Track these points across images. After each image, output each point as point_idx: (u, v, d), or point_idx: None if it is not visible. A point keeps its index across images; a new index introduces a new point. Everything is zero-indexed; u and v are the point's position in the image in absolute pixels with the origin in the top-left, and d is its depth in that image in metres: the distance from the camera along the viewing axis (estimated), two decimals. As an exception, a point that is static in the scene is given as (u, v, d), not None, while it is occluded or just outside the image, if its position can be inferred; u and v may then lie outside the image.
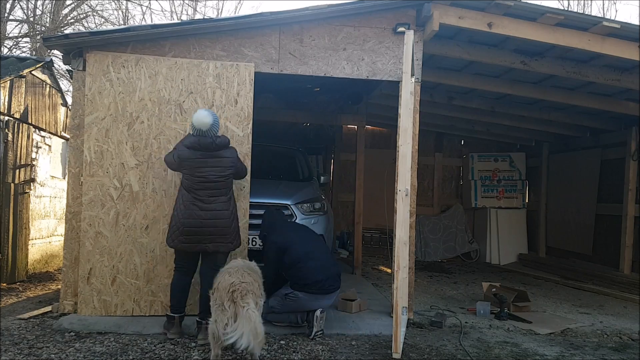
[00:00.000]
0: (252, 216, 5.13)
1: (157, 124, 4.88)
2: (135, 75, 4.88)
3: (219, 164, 4.33)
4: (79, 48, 4.88)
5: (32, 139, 7.07)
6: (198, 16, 17.02)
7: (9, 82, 6.46)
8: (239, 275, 3.70)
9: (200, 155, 4.29)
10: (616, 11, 33.74)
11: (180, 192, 4.36)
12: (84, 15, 14.99)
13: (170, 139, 4.87)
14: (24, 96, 6.87)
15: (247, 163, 5.01)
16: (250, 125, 5.03)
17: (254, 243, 5.46)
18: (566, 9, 14.81)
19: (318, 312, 4.46)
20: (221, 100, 4.98)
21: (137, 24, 14.84)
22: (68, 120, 8.10)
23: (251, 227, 5.16)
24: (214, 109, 4.94)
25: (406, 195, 4.41)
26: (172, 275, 4.48)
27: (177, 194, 4.45)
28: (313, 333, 4.43)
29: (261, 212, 5.52)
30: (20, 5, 13.87)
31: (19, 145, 6.69)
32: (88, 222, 4.78)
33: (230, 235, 4.35)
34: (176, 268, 4.44)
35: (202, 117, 4.32)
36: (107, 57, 4.85)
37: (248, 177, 5.02)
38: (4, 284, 6.27)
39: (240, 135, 5.00)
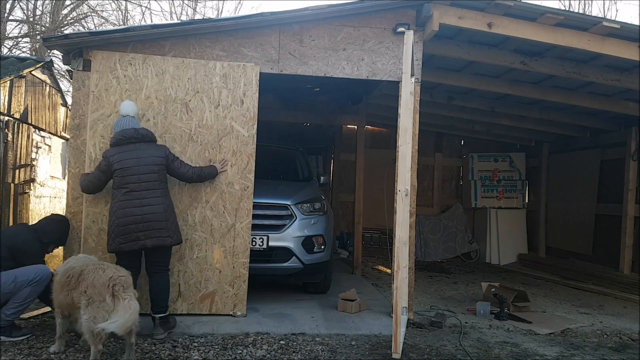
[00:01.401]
0: (252, 216, 5.12)
1: (163, 122, 4.87)
2: (142, 73, 4.89)
3: (150, 160, 4.35)
4: (79, 48, 4.88)
5: (32, 139, 7.07)
6: (197, 16, 17.02)
7: (9, 82, 6.46)
8: (113, 269, 3.72)
9: (127, 149, 4.33)
10: (617, 11, 33.76)
11: (113, 192, 4.36)
12: (84, 15, 15.00)
13: (175, 138, 4.87)
14: (23, 96, 6.87)
15: (252, 163, 5.02)
16: (256, 126, 5.04)
17: (253, 243, 5.46)
18: (567, 9, 14.82)
19: None
20: (227, 100, 4.99)
21: (136, 24, 14.83)
22: (68, 120, 8.10)
23: (251, 227, 5.15)
24: (220, 109, 4.95)
25: (406, 195, 4.41)
26: None
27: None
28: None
29: (261, 212, 5.53)
30: (20, 5, 13.89)
31: (19, 145, 6.69)
32: (91, 219, 4.78)
33: (167, 229, 4.31)
34: None
35: (128, 104, 4.53)
36: (115, 54, 4.86)
37: (252, 176, 5.03)
38: (4, 284, 6.25)
39: (245, 135, 5.01)
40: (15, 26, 15.49)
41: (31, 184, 7.00)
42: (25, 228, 4.46)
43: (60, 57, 5.19)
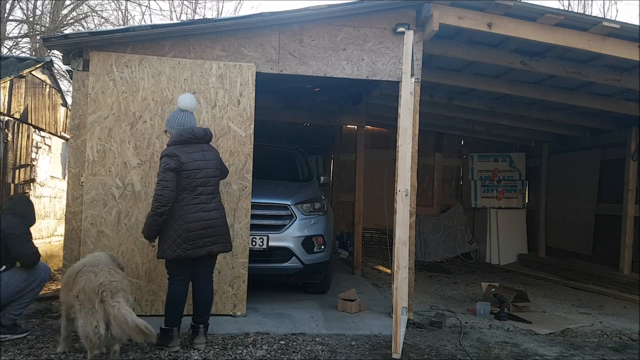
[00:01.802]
0: (252, 216, 5.12)
1: (160, 124, 4.87)
2: (139, 74, 4.89)
3: (213, 158, 4.20)
4: (79, 48, 4.88)
5: (32, 139, 7.07)
6: (197, 17, 17.01)
7: (8, 82, 6.45)
8: (106, 274, 3.59)
9: (194, 149, 4.09)
10: (617, 11, 33.79)
11: (178, 195, 4.00)
12: (84, 15, 14.98)
13: None
14: (23, 96, 6.87)
15: (249, 163, 5.02)
16: (253, 126, 5.04)
17: (253, 243, 5.46)
18: (567, 9, 14.82)
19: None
20: (224, 101, 4.99)
21: (136, 24, 14.83)
22: (68, 120, 8.10)
23: (251, 227, 5.16)
24: (216, 109, 4.95)
25: (406, 195, 4.41)
26: (168, 288, 4.16)
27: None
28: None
29: (261, 212, 5.53)
30: (20, 5, 13.87)
31: (19, 145, 6.69)
32: (90, 221, 4.78)
33: (227, 234, 4.23)
34: (175, 280, 4.12)
35: (189, 98, 4.22)
36: (111, 56, 4.86)
37: (249, 177, 5.03)
38: (4, 284, 6.26)
39: (242, 135, 5.01)
40: (15, 26, 15.48)
41: (31, 184, 6.99)
42: (7, 215, 4.28)
43: (60, 57, 5.19)
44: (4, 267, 4.12)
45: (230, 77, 5.01)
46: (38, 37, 13.44)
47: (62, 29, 13.69)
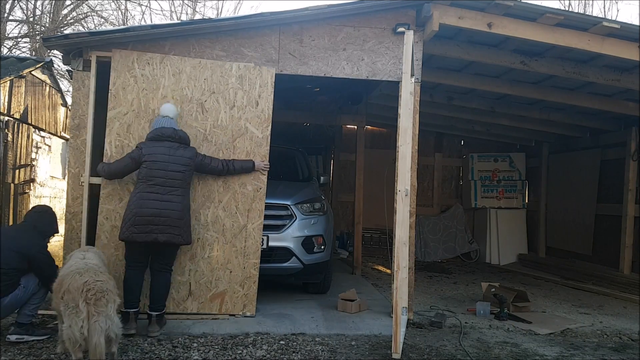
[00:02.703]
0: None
1: (179, 122, 4.86)
2: (160, 72, 4.91)
3: (179, 160, 4.46)
4: (79, 48, 4.88)
5: (32, 139, 7.07)
6: (197, 16, 17.02)
7: (8, 82, 6.46)
8: (92, 273, 3.51)
9: (162, 145, 4.43)
10: (617, 11, 33.79)
11: (137, 183, 4.45)
12: (84, 15, 15.00)
13: (190, 137, 4.85)
14: (23, 96, 6.87)
15: (266, 164, 5.03)
16: (270, 128, 5.05)
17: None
18: (567, 9, 14.83)
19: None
20: (242, 102, 5.00)
21: (136, 24, 14.84)
22: (68, 120, 8.10)
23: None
24: (235, 110, 4.98)
25: (406, 195, 4.41)
26: (124, 273, 4.51)
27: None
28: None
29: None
30: (20, 5, 13.88)
31: (19, 145, 6.69)
32: (105, 216, 4.79)
33: (180, 227, 4.38)
34: (129, 265, 4.49)
35: (169, 106, 4.68)
36: (132, 53, 4.89)
37: (264, 177, 5.03)
38: (4, 284, 6.25)
39: (259, 137, 5.03)
40: (15, 26, 15.51)
41: (31, 184, 7.00)
42: (28, 230, 4.32)
43: (60, 57, 5.19)
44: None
45: (249, 78, 5.02)
46: (38, 37, 13.44)
47: (62, 29, 13.70)
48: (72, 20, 14.62)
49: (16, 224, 4.64)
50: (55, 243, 7.87)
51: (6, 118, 6.39)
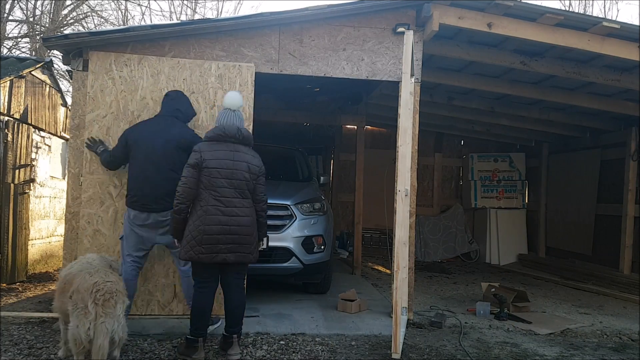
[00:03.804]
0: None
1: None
2: (138, 74, 4.89)
3: (245, 161, 3.92)
4: (79, 48, 4.88)
5: (32, 139, 7.06)
6: (197, 17, 17.01)
7: (8, 82, 6.45)
8: (102, 274, 3.43)
9: (225, 148, 3.89)
10: (618, 11, 33.82)
11: (200, 194, 3.83)
12: (84, 15, 14.98)
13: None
14: (23, 96, 6.86)
15: None
16: (251, 126, 5.03)
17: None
18: (567, 9, 14.83)
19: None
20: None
21: (136, 24, 14.83)
22: (68, 120, 8.10)
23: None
24: (215, 110, 4.94)
25: (406, 195, 4.41)
26: (193, 296, 3.99)
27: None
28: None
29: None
30: (19, 5, 13.86)
31: (19, 145, 6.69)
32: (86, 220, 4.78)
33: (251, 244, 3.93)
34: (197, 286, 3.94)
35: (233, 95, 4.10)
36: (110, 55, 4.86)
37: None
38: (4, 284, 6.27)
39: None
40: (15, 26, 15.51)
41: (31, 184, 6.99)
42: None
43: (60, 57, 5.19)
44: None
45: (229, 77, 5.00)
46: (38, 37, 13.44)
47: (62, 29, 13.69)
48: (72, 20, 14.61)
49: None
50: (55, 243, 7.87)
51: (6, 118, 6.39)
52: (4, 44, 12.97)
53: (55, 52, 8.24)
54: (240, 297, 4.00)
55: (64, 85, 12.17)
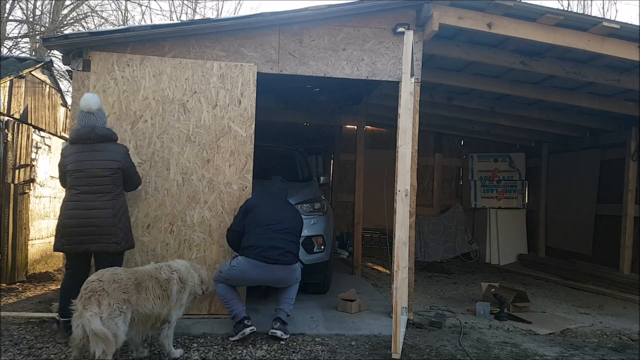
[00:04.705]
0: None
1: (161, 123, 4.88)
2: (140, 74, 4.89)
3: (102, 158, 4.14)
4: (79, 48, 4.88)
5: (32, 139, 7.06)
6: (197, 17, 17.01)
7: (8, 82, 6.45)
8: (100, 273, 3.53)
9: (81, 149, 4.16)
10: (616, 11, 33.72)
11: (66, 191, 4.23)
12: (84, 15, 14.98)
13: (173, 138, 4.88)
14: (23, 96, 6.86)
15: (250, 163, 5.02)
16: (253, 126, 5.04)
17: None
18: (566, 9, 14.83)
19: (247, 330, 4.33)
20: (225, 100, 4.99)
21: (136, 24, 14.84)
22: (68, 120, 8.10)
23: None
24: (217, 109, 4.95)
25: (406, 195, 4.41)
26: (64, 277, 4.31)
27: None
28: (233, 338, 4.35)
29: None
30: (19, 5, 13.86)
31: (19, 145, 6.69)
32: None
33: (115, 235, 4.12)
34: (65, 272, 4.29)
35: (88, 97, 4.23)
36: (112, 55, 4.87)
37: (250, 177, 5.02)
38: (4, 284, 6.26)
39: (243, 135, 5.01)
40: (15, 26, 15.50)
41: (31, 184, 6.99)
42: None
43: (60, 57, 5.19)
44: None
45: (231, 77, 5.01)
46: (38, 37, 13.43)
47: (62, 29, 13.69)
48: (72, 20, 14.61)
49: None
50: (55, 243, 7.86)
51: (6, 118, 6.39)
52: (4, 44, 12.97)
53: (55, 52, 8.24)
54: None
55: (64, 85, 12.19)
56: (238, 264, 4.45)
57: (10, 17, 13.70)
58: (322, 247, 5.88)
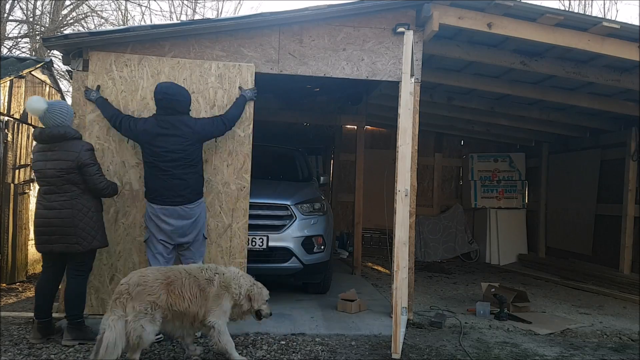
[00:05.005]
0: (251, 216, 5.12)
1: None
2: (138, 74, 4.89)
3: (56, 158, 4.05)
4: (79, 48, 4.88)
5: (32, 139, 7.07)
6: (197, 17, 17.01)
7: (8, 82, 6.46)
8: (130, 277, 3.56)
9: (40, 149, 4.15)
10: (617, 11, 33.80)
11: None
12: (84, 15, 14.97)
13: None
14: (23, 96, 6.87)
15: (248, 163, 5.01)
16: (251, 126, 5.04)
17: (253, 243, 5.46)
18: (567, 9, 14.83)
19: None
20: (223, 101, 4.99)
21: (136, 24, 14.83)
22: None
23: (251, 227, 5.16)
24: (215, 109, 4.94)
25: (406, 195, 4.41)
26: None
27: None
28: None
29: (261, 212, 5.53)
30: (20, 5, 13.86)
31: (19, 145, 6.69)
32: None
33: (76, 235, 4.02)
34: (42, 270, 4.32)
35: (33, 101, 4.13)
36: (110, 55, 4.87)
37: (248, 177, 5.01)
38: (4, 284, 6.27)
39: (241, 135, 5.01)
40: (15, 26, 15.50)
41: (31, 184, 6.99)
42: None
43: (60, 57, 5.20)
44: None
45: (229, 77, 5.01)
46: (38, 37, 13.43)
47: (62, 29, 13.69)
48: (72, 20, 14.61)
49: None
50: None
51: (6, 118, 6.39)
52: (4, 44, 12.97)
53: (55, 52, 8.24)
54: (72, 285, 4.16)
55: (64, 85, 12.18)
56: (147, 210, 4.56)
57: (10, 17, 13.70)
58: (322, 247, 5.88)
